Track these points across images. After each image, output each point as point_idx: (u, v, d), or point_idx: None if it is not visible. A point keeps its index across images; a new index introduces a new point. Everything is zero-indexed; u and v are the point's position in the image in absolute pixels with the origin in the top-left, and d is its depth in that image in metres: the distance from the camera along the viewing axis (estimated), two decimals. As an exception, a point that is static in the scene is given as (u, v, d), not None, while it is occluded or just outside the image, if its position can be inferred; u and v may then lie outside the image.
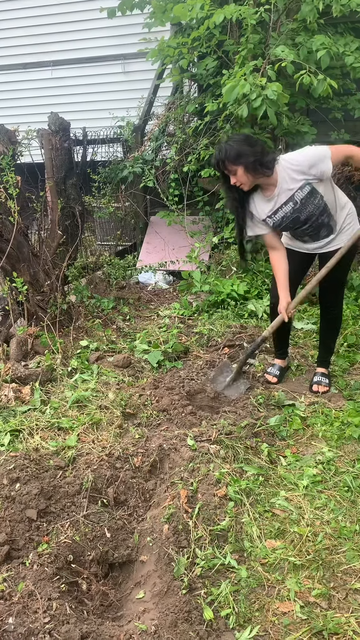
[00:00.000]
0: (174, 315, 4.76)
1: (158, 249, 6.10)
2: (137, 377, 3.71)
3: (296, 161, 2.92)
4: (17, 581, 2.11)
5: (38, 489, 2.47)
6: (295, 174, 2.92)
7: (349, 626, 1.91)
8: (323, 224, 3.08)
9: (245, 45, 4.79)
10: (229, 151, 2.84)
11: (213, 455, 2.70)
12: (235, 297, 4.81)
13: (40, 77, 8.57)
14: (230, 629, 1.93)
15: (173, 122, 6.19)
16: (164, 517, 2.34)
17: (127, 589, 2.24)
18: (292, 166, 2.92)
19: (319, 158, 2.88)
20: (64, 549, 2.25)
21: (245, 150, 2.83)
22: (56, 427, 3.06)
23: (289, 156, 2.98)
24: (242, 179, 2.91)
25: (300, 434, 3.03)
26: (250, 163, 2.84)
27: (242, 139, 2.92)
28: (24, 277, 4.05)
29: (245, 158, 2.83)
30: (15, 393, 3.42)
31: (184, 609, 1.97)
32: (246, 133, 3.08)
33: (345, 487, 2.57)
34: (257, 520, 2.39)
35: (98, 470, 2.65)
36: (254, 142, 2.92)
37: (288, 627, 1.93)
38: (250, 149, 2.85)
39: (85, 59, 8.22)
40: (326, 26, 5.03)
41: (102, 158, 6.32)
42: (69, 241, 4.84)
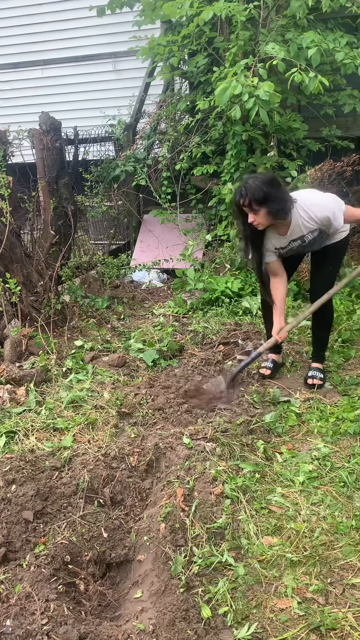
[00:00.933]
0: (168, 314, 4.76)
1: (152, 247, 6.10)
2: (132, 376, 3.71)
3: (311, 213, 2.99)
4: (14, 583, 2.11)
5: (34, 490, 2.46)
6: (308, 223, 3.02)
7: (346, 621, 1.92)
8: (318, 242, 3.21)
9: (236, 42, 4.78)
10: (257, 192, 2.86)
11: (209, 453, 2.70)
12: (229, 295, 4.82)
13: (31, 76, 8.54)
14: (228, 627, 1.93)
15: (164, 120, 6.18)
16: (161, 516, 2.34)
17: (125, 588, 2.24)
18: (307, 216, 2.99)
19: (335, 215, 2.98)
20: (61, 550, 2.25)
21: (273, 195, 2.87)
22: (52, 428, 3.06)
23: (305, 203, 3.00)
24: (261, 220, 2.96)
25: (295, 430, 3.04)
26: (274, 210, 2.90)
27: (269, 181, 2.93)
28: (17, 278, 4.04)
29: (271, 203, 2.88)
30: (10, 394, 3.42)
31: (181, 607, 1.98)
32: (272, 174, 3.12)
33: (341, 482, 2.58)
34: (253, 517, 2.39)
35: (94, 470, 2.65)
36: (278, 185, 2.96)
37: (286, 624, 1.94)
38: (277, 193, 2.89)
39: (76, 57, 8.18)
40: (316, 22, 5.02)
41: (94, 157, 6.30)
42: (62, 241, 4.83)
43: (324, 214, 2.99)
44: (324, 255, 3.25)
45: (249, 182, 2.91)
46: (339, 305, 4.39)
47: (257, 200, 2.87)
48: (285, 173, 5.09)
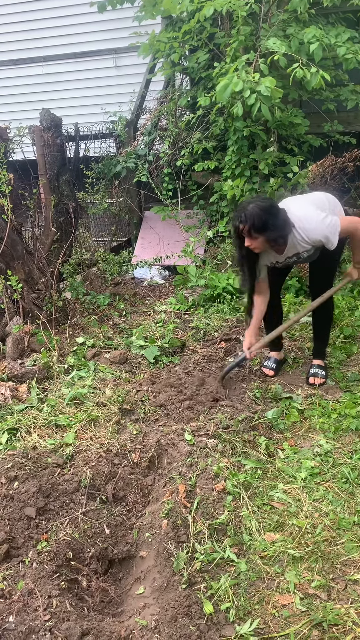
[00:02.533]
0: (170, 310, 4.75)
1: (153, 244, 6.09)
2: (134, 373, 3.71)
3: (305, 237, 2.96)
4: (17, 579, 2.11)
5: (36, 487, 2.47)
6: (304, 243, 3.01)
7: (348, 617, 1.92)
8: None
9: (237, 37, 4.76)
10: (256, 220, 2.83)
11: (211, 450, 2.70)
12: (231, 291, 4.81)
13: (31, 73, 8.53)
14: (230, 623, 1.93)
15: (165, 116, 6.16)
16: (163, 513, 2.35)
17: (127, 584, 2.24)
18: (301, 238, 2.98)
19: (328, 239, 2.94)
20: (64, 547, 2.25)
21: (272, 224, 2.85)
22: (54, 425, 3.06)
23: (300, 226, 2.95)
24: (258, 245, 2.95)
25: (297, 427, 3.04)
26: (272, 237, 2.89)
27: (268, 209, 2.88)
28: (18, 275, 4.04)
29: (270, 232, 2.87)
30: (12, 391, 3.42)
31: (184, 603, 1.98)
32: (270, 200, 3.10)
33: (343, 478, 2.58)
34: (255, 514, 2.39)
35: (96, 466, 2.65)
36: (277, 212, 2.92)
37: (288, 619, 1.94)
38: (275, 221, 2.87)
39: (76, 54, 8.17)
40: (317, 17, 5.00)
41: (94, 154, 6.29)
42: (63, 238, 4.83)
43: (317, 238, 2.96)
44: (322, 253, 3.23)
45: (248, 209, 2.87)
46: (341, 302, 4.39)
47: (257, 228, 2.86)
48: (287, 169, 5.07)
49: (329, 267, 3.31)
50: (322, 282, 3.34)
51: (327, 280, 3.35)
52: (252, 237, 2.91)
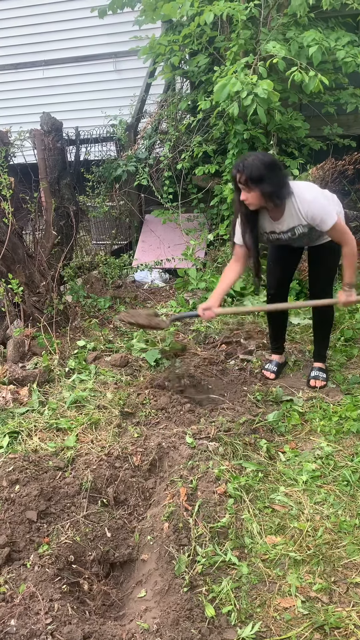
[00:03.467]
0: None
1: (153, 247, 6.10)
2: (135, 376, 3.71)
3: (303, 207, 2.93)
4: (19, 583, 2.11)
5: (38, 490, 2.47)
6: (300, 214, 2.96)
7: (350, 620, 1.92)
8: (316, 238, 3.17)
9: (236, 41, 4.78)
10: (254, 171, 2.81)
11: (212, 453, 2.70)
12: (231, 294, 4.81)
13: (32, 77, 8.55)
14: (232, 626, 1.93)
15: (166, 119, 6.18)
16: (164, 516, 2.35)
17: (129, 588, 2.24)
18: (300, 209, 2.94)
19: (322, 220, 2.90)
20: (65, 550, 2.25)
21: (268, 177, 2.82)
22: (55, 428, 3.06)
23: (302, 194, 2.93)
24: (253, 200, 2.91)
25: (298, 429, 3.04)
26: (267, 192, 2.85)
27: (269, 163, 2.86)
28: (19, 279, 4.05)
29: (264, 185, 2.83)
30: (13, 395, 3.42)
31: (185, 606, 1.98)
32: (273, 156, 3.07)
33: (345, 481, 2.58)
34: (257, 517, 2.39)
35: (97, 470, 2.65)
36: (278, 171, 2.89)
37: (290, 623, 1.94)
38: (273, 177, 2.84)
39: (77, 58, 8.19)
40: (317, 20, 5.02)
41: (95, 157, 6.31)
42: (64, 241, 4.83)
43: (312, 213, 2.91)
44: (321, 254, 3.23)
45: (248, 159, 2.86)
46: (341, 304, 4.39)
47: (253, 179, 2.82)
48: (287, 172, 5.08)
49: (328, 271, 3.31)
50: (322, 286, 3.34)
51: (327, 284, 3.35)
52: (248, 188, 2.86)
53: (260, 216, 3.08)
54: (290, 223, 3.02)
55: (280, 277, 3.43)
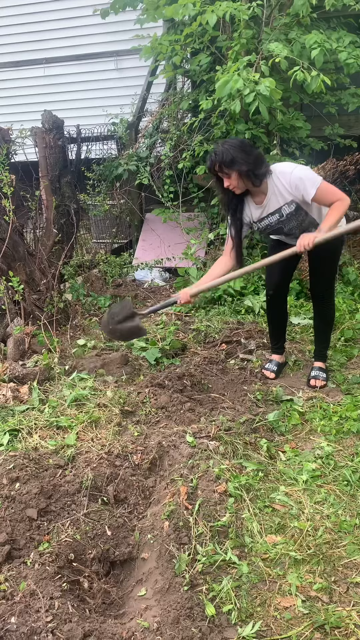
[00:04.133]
0: (170, 312, 4.76)
1: (154, 246, 6.10)
2: (135, 374, 3.71)
3: (285, 179, 2.95)
4: (19, 581, 2.11)
5: (38, 488, 2.47)
6: (284, 190, 2.98)
7: (350, 619, 1.92)
8: (309, 230, 3.10)
9: (238, 40, 4.78)
10: (225, 155, 2.86)
11: (212, 452, 2.70)
12: (232, 294, 4.82)
13: (33, 75, 8.55)
14: (232, 625, 1.93)
15: (167, 118, 6.18)
16: (165, 514, 2.35)
17: (129, 586, 2.24)
18: (281, 182, 2.96)
19: (305, 185, 2.90)
20: (65, 548, 2.25)
21: (240, 157, 2.86)
22: (55, 426, 3.06)
23: (281, 169, 2.98)
24: (235, 183, 2.96)
25: (299, 429, 3.04)
26: (244, 171, 2.88)
27: (237, 145, 2.91)
28: (20, 276, 4.04)
29: (238, 165, 2.87)
30: (14, 392, 3.42)
31: (185, 605, 1.98)
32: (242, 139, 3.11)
33: (345, 481, 2.58)
34: (257, 516, 2.40)
35: (98, 468, 2.65)
36: (249, 150, 2.93)
37: (290, 622, 1.94)
38: (245, 156, 2.87)
39: (78, 56, 8.19)
40: (319, 21, 5.02)
41: (96, 155, 6.31)
42: (64, 239, 4.84)
43: (294, 180, 2.92)
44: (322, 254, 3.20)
45: (217, 148, 2.93)
46: (341, 304, 4.40)
47: (225, 163, 2.86)
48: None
49: (329, 271, 3.31)
50: (324, 286, 3.34)
51: (328, 285, 3.35)
52: (225, 174, 2.92)
53: (245, 206, 3.12)
54: (274, 204, 3.02)
55: (279, 277, 3.43)
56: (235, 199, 3.10)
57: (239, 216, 3.15)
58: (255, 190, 3.02)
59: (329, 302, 3.40)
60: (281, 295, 3.49)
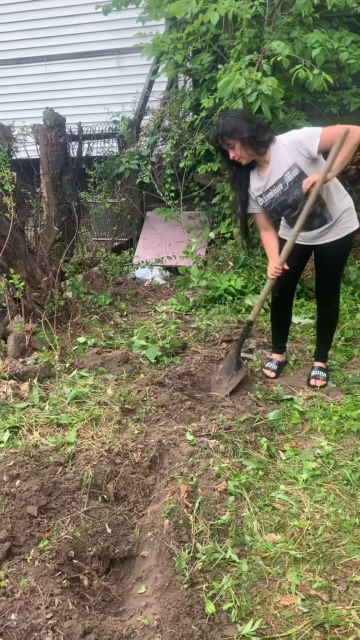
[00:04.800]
0: (171, 311, 4.76)
1: (155, 244, 6.10)
2: (136, 373, 3.71)
3: (286, 139, 2.97)
4: (19, 577, 2.11)
5: (38, 485, 2.47)
6: (287, 153, 2.95)
7: (350, 618, 1.92)
8: (315, 213, 3.05)
9: (240, 39, 4.77)
10: (226, 126, 2.89)
11: (212, 450, 2.70)
12: (232, 292, 4.81)
13: (34, 72, 8.54)
14: (232, 623, 1.93)
15: (168, 117, 6.17)
16: (165, 512, 2.35)
17: (129, 584, 2.24)
18: (284, 144, 2.96)
19: (309, 135, 2.90)
20: (65, 545, 2.25)
21: (242, 126, 2.88)
22: (55, 424, 3.06)
23: (282, 136, 3.01)
24: (239, 153, 2.96)
25: (299, 428, 3.04)
26: (246, 138, 2.89)
27: (239, 115, 2.96)
28: (20, 274, 4.04)
29: (240, 133, 2.88)
30: (14, 390, 3.42)
31: (185, 603, 1.98)
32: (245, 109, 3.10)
33: (345, 480, 2.58)
34: (257, 514, 2.40)
35: (98, 466, 2.65)
36: (251, 119, 2.97)
37: (290, 620, 1.94)
38: (247, 124, 2.90)
39: (80, 53, 8.18)
40: (321, 20, 5.01)
41: (97, 153, 6.31)
42: (65, 237, 4.83)
43: (296, 136, 2.93)
44: (328, 254, 3.22)
45: (219, 120, 2.95)
46: (342, 304, 4.39)
47: (227, 132, 2.89)
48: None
49: (335, 272, 3.29)
50: (329, 288, 3.33)
51: (334, 286, 3.33)
52: (229, 144, 2.93)
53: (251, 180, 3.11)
54: (277, 172, 3.00)
55: (285, 280, 3.39)
56: (240, 174, 3.09)
57: (245, 191, 3.14)
58: (260, 160, 3.01)
59: (335, 305, 3.39)
60: (287, 297, 3.48)
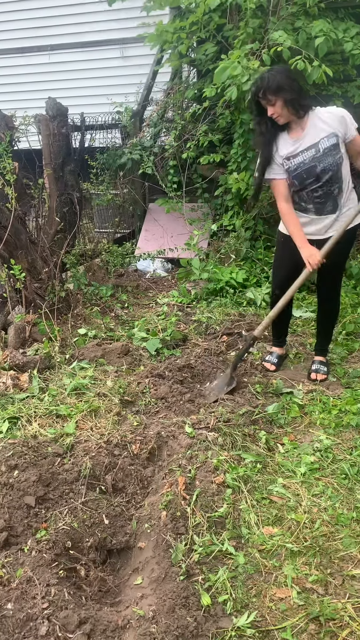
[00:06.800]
0: (172, 303, 4.75)
1: (157, 236, 6.08)
2: (136, 365, 3.71)
3: (329, 112, 2.95)
4: (16, 567, 2.12)
5: (36, 475, 2.47)
6: (325, 124, 2.93)
7: (345, 612, 1.92)
8: (332, 193, 3.02)
9: (244, 29, 4.73)
10: (272, 81, 2.82)
11: (211, 443, 2.70)
12: (234, 285, 4.80)
13: (38, 61, 8.48)
14: (227, 615, 1.94)
15: (172, 107, 6.13)
16: (162, 504, 2.35)
17: (125, 575, 2.25)
18: (325, 115, 2.94)
19: (351, 120, 2.92)
20: (62, 536, 2.26)
21: (287, 85, 2.84)
22: (54, 415, 3.06)
23: (325, 108, 3.00)
24: (279, 111, 2.90)
25: (298, 422, 3.04)
26: (290, 98, 2.85)
27: (285, 72, 2.92)
28: (21, 264, 4.03)
29: (285, 92, 2.83)
30: (14, 380, 3.42)
31: (181, 594, 1.99)
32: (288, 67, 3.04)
33: (343, 474, 2.58)
34: (254, 507, 2.40)
35: (96, 457, 2.66)
36: (294, 78, 2.93)
37: (285, 613, 1.94)
38: (292, 84, 2.87)
39: (83, 43, 8.12)
40: (327, 10, 4.96)
41: (100, 144, 6.27)
42: (67, 228, 4.82)
43: (341, 111, 2.93)
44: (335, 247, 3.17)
45: (264, 74, 2.90)
46: (344, 298, 4.37)
47: (272, 89, 2.82)
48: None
49: (337, 267, 3.26)
50: (330, 282, 3.30)
51: (335, 280, 3.31)
52: (270, 100, 2.86)
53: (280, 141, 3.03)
54: (312, 137, 2.95)
55: (286, 276, 3.35)
56: (271, 133, 3.02)
57: (270, 150, 3.05)
58: (296, 122, 2.96)
59: (335, 300, 3.37)
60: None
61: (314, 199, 3.06)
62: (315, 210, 3.08)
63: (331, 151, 2.93)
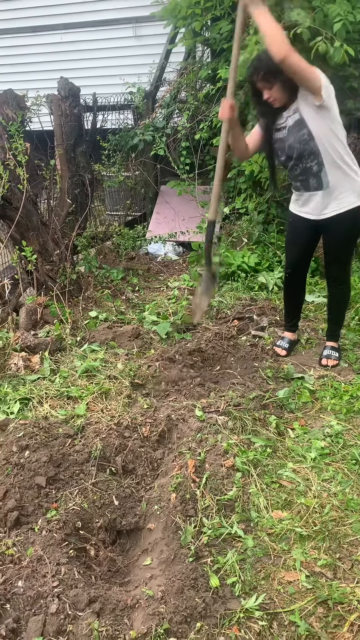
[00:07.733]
0: (183, 287, 4.73)
1: (168, 219, 6.04)
2: (146, 348, 3.70)
3: None
4: (27, 546, 2.14)
5: (47, 456, 2.49)
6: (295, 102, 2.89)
7: (353, 596, 1.93)
8: (311, 170, 2.97)
9: (261, 7, 4.62)
10: (270, 64, 2.72)
11: (221, 427, 2.70)
12: (245, 269, 4.77)
13: (50, 41, 8.39)
14: (235, 597, 1.95)
15: (185, 88, 6.04)
16: (172, 486, 2.36)
17: (135, 555, 2.27)
18: None
19: None
20: (73, 516, 2.28)
21: None
22: (65, 396, 3.08)
23: None
24: (277, 95, 2.86)
25: (308, 407, 3.03)
26: (287, 81, 2.78)
27: None
28: (33, 246, 4.03)
29: (283, 74, 2.74)
30: (25, 362, 3.44)
31: (190, 576, 2.00)
32: None
33: (353, 460, 2.57)
34: (264, 491, 2.40)
35: (107, 439, 2.67)
36: None
37: (293, 596, 1.95)
38: None
39: (96, 22, 8.01)
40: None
41: (112, 125, 6.21)
42: (78, 210, 4.79)
43: None
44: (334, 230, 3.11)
45: (262, 56, 2.82)
46: (357, 283, 4.33)
47: (270, 71, 2.76)
48: None
49: (344, 251, 3.20)
50: (337, 266, 3.25)
51: (343, 264, 3.26)
52: (268, 83, 2.81)
53: None
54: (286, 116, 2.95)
55: (297, 257, 3.34)
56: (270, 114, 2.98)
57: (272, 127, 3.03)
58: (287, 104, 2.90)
59: (344, 285, 3.33)
60: (299, 274, 3.42)
61: (297, 176, 3.07)
62: (303, 187, 3.08)
63: (294, 129, 2.91)
